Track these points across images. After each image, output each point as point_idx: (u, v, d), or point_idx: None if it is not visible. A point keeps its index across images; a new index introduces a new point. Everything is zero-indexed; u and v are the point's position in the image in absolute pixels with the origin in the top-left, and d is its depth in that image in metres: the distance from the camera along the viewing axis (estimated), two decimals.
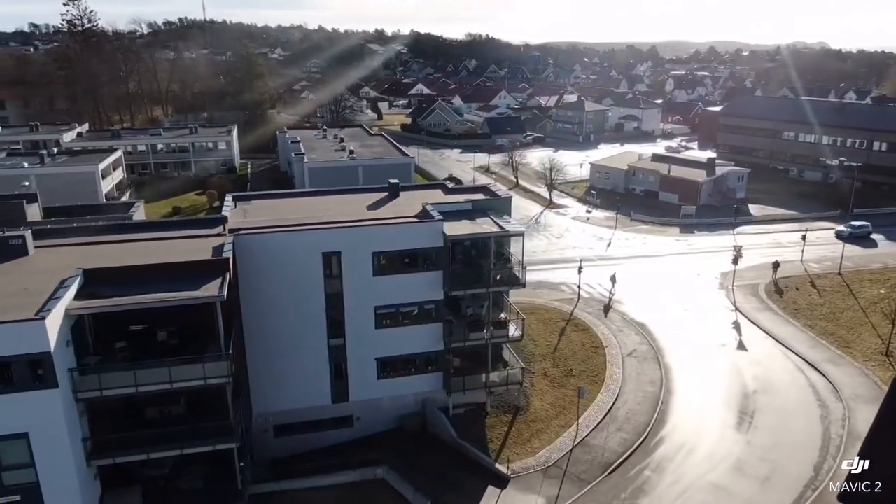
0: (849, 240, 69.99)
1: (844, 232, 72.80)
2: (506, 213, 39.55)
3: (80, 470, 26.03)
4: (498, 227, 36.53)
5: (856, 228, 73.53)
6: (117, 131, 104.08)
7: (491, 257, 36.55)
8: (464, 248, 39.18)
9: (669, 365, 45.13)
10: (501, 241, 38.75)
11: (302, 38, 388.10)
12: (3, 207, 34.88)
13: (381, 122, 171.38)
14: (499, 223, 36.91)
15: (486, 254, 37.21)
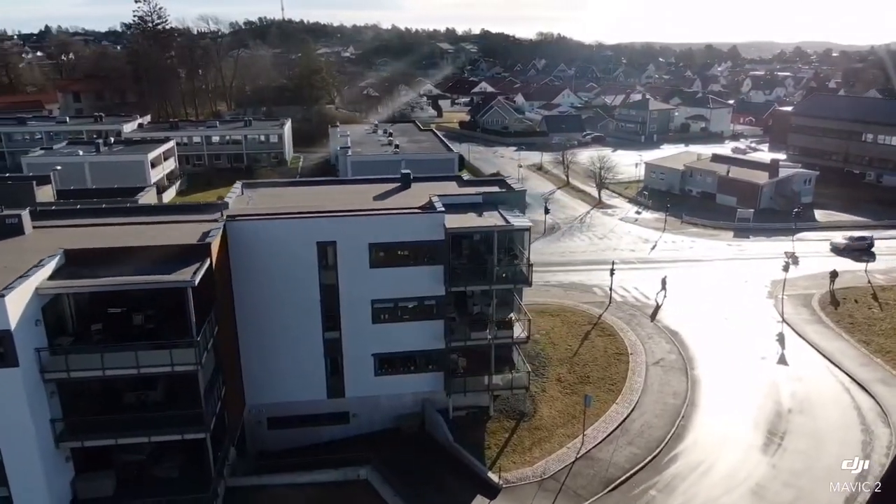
0: (844, 253, 64.73)
1: (840, 244, 66.92)
2: (518, 208, 37.40)
3: (46, 451, 25.69)
4: (504, 221, 34.40)
5: (854, 241, 66.74)
6: (176, 123, 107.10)
7: (495, 253, 34.49)
8: (472, 243, 37.40)
9: (698, 377, 41.78)
10: (512, 237, 36.70)
11: (373, 38, 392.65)
12: (13, 188, 35.46)
13: (441, 119, 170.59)
14: (506, 217, 34.79)
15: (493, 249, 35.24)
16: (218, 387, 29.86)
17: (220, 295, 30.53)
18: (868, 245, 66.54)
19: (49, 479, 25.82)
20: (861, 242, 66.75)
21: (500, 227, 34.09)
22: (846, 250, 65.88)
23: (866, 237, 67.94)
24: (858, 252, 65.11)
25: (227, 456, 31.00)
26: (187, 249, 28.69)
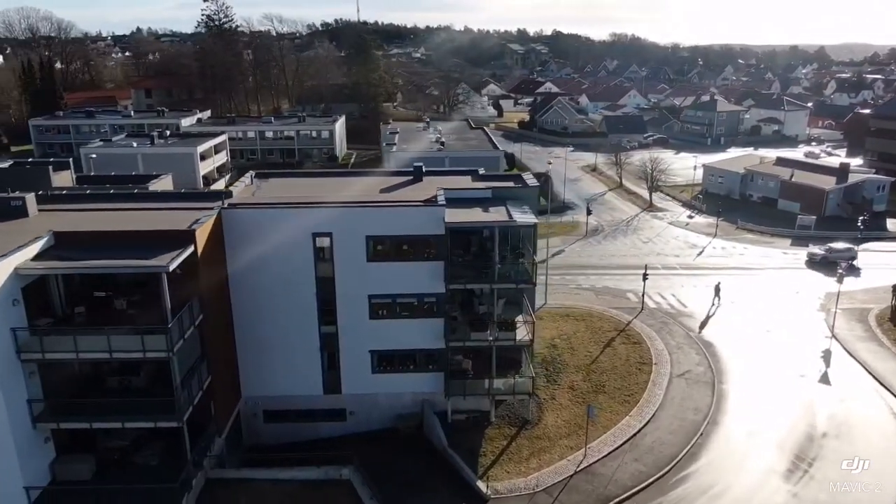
0: (821, 265, 58.39)
1: (817, 255, 60.24)
2: (529, 204, 35.43)
3: (21, 430, 25.62)
4: (507, 216, 32.60)
5: (833, 252, 60.13)
6: (233, 119, 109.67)
7: (496, 250, 32.74)
8: (480, 240, 35.76)
9: (726, 392, 38.66)
10: (520, 234, 34.81)
11: (444, 39, 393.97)
12: (30, 172, 36.31)
13: (501, 119, 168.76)
14: (511, 213, 32.95)
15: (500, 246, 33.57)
16: (200, 376, 29.37)
17: (209, 283, 29.99)
18: (851, 258, 60.12)
19: (22, 458, 25.80)
20: (841, 254, 60.15)
21: (501, 223, 32.31)
22: (822, 263, 59.51)
23: (849, 249, 61.55)
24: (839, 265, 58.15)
25: (210, 446, 30.47)
26: (172, 235, 28.28)
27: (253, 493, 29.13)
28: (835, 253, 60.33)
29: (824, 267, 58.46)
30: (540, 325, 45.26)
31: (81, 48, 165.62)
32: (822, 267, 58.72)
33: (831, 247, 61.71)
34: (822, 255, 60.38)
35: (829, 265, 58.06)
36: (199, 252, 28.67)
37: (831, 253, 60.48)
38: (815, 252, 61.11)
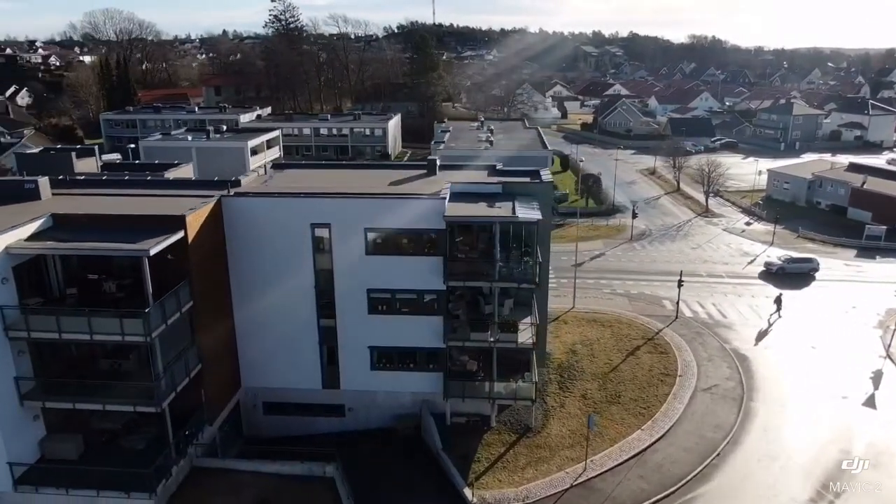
0: (777, 277, 53.55)
1: (773, 266, 55.70)
2: (542, 200, 33.68)
3: (7, 406, 26.02)
4: (509, 212, 31.01)
5: (791, 262, 55.68)
6: (290, 115, 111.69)
7: (497, 247, 31.22)
8: (489, 237, 34.21)
9: (755, 410, 35.70)
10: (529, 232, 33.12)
11: (516, 41, 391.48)
12: (55, 158, 37.36)
13: (565, 120, 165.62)
14: (516, 209, 31.33)
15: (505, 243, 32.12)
16: (188, 363, 29.18)
17: (202, 270, 29.79)
18: (811, 269, 55.52)
19: (7, 434, 26.23)
20: (800, 266, 55.64)
21: (502, 218, 30.77)
22: (778, 274, 54.86)
23: (809, 259, 56.69)
24: (797, 277, 54.46)
25: (198, 435, 30.27)
26: (164, 220, 28.26)
27: (233, 484, 28.71)
28: (794, 263, 56.04)
29: (781, 278, 54.14)
30: (562, 330, 43.48)
31: (160, 48, 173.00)
32: (779, 278, 54.38)
33: (791, 256, 57.39)
34: (780, 265, 55.96)
35: (786, 277, 54.25)
36: (189, 238, 28.52)
37: (790, 263, 56.06)
38: (773, 262, 56.65)
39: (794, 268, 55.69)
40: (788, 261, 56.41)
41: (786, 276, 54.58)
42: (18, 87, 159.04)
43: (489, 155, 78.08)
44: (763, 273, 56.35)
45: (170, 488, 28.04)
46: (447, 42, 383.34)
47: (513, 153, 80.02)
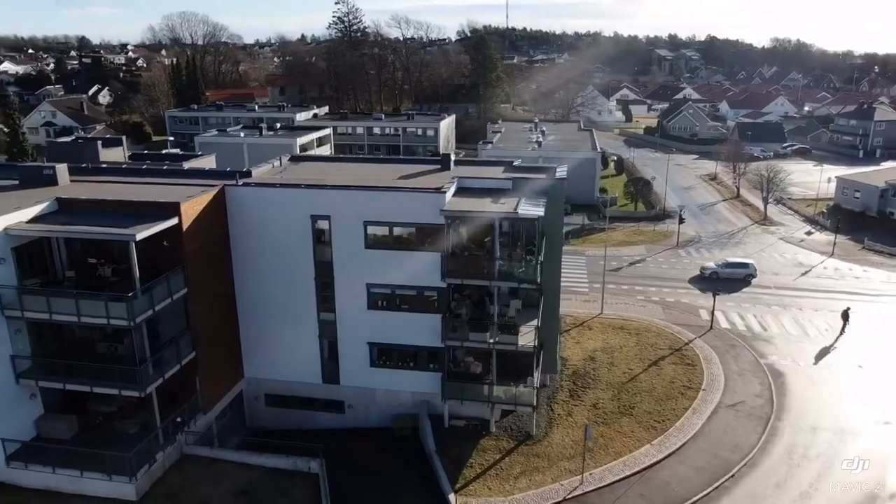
0: (710, 283, 50.79)
1: (707, 270, 53.60)
2: (551, 197, 32.18)
3: (2, 383, 26.70)
4: (513, 208, 29.63)
5: (726, 267, 53.34)
6: (346, 115, 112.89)
7: (496, 243, 29.92)
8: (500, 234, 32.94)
9: (781, 431, 32.91)
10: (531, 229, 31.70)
11: (589, 44, 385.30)
12: (83, 147, 38.51)
13: (629, 124, 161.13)
14: (519, 205, 29.94)
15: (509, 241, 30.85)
16: (179, 350, 29.21)
17: (198, 257, 29.78)
18: (746, 275, 52.90)
19: (1, 410, 26.88)
20: (735, 271, 53.00)
21: (501, 214, 29.44)
22: (711, 279, 52.07)
23: (745, 265, 53.79)
24: (731, 283, 51.62)
25: (190, 422, 30.26)
26: (159, 207, 28.47)
27: (217, 474, 28.52)
28: (728, 269, 53.44)
29: (713, 283, 50.47)
30: (584, 336, 41.67)
31: (232, 50, 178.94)
32: (711, 283, 50.92)
33: (727, 261, 54.67)
34: (714, 269, 53.44)
35: (719, 282, 51.30)
36: (184, 225, 28.57)
37: (724, 268, 53.49)
38: (707, 266, 54.39)
39: (728, 273, 53.34)
40: (723, 265, 54.06)
41: (720, 281, 51.84)
42: (100, 87, 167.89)
43: (535, 155, 76.95)
44: (696, 277, 53.82)
45: (155, 473, 28.09)
46: (520, 46, 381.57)
47: (560, 154, 78.43)
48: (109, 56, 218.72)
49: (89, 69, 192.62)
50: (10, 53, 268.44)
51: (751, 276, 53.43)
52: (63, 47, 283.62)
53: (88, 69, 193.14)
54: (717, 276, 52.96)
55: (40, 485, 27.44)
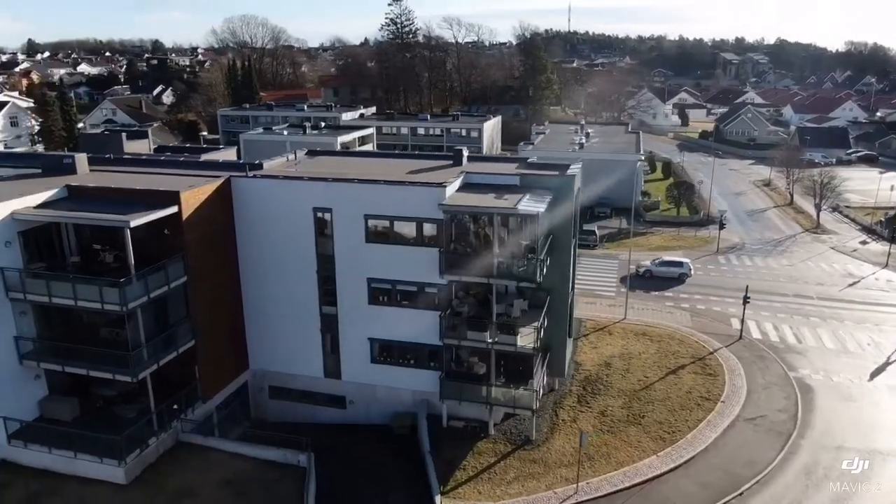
0: (642, 280, 50.71)
1: (642, 268, 53.05)
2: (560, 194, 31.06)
3: (6, 364, 27.38)
4: (512, 203, 28.68)
5: (661, 265, 53.02)
6: (392, 115, 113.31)
7: (495, 239, 29.04)
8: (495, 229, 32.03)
9: (801, 448, 30.78)
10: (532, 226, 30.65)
11: (651, 48, 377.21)
12: (109, 139, 39.65)
13: (685, 128, 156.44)
14: (521, 201, 28.97)
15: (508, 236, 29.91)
16: (177, 338, 29.47)
17: (200, 247, 29.92)
18: (681, 274, 52.38)
19: (4, 390, 27.60)
20: (669, 269, 52.73)
21: (500, 209, 28.55)
22: (645, 276, 52.17)
23: (679, 263, 53.22)
24: (665, 282, 51.08)
25: (187, 410, 30.46)
26: (161, 195, 28.82)
27: (208, 463, 28.62)
28: (662, 267, 53.08)
29: (647, 281, 50.94)
30: (603, 341, 40.28)
31: (291, 53, 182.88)
32: (644, 281, 51.12)
33: (663, 259, 54.27)
34: (647, 267, 53.10)
35: (652, 280, 51.60)
36: (184, 214, 28.82)
37: (658, 266, 53.10)
38: (643, 264, 53.77)
39: (662, 271, 52.93)
40: (658, 263, 53.57)
41: (652, 279, 51.68)
42: (164, 87, 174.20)
43: (574, 157, 75.15)
44: (632, 276, 51.35)
45: (147, 458, 28.37)
46: (581, 50, 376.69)
47: (599, 155, 76.73)
48: (176, 58, 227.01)
49: (156, 70, 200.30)
50: (88, 56, 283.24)
51: (685, 275, 52.59)
52: (137, 50, 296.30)
53: (155, 70, 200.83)
54: (650, 274, 52.73)
55: (39, 464, 28.09)
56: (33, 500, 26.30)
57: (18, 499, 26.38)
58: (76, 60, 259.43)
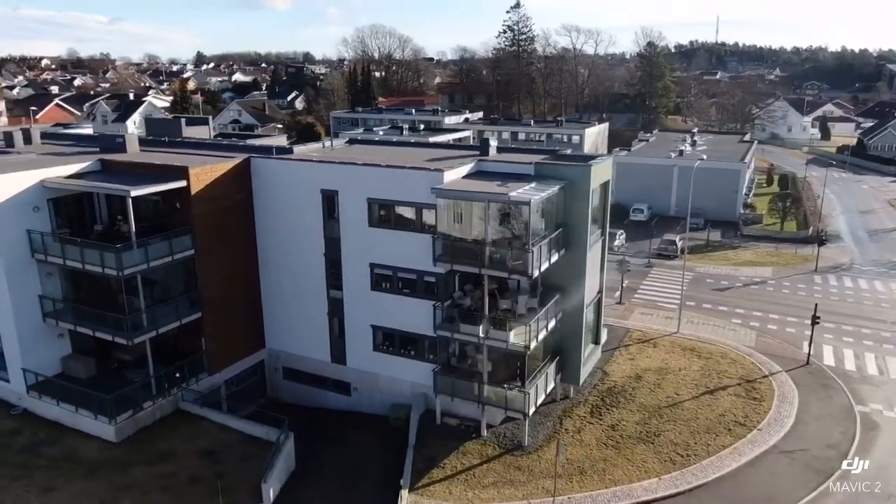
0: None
1: None
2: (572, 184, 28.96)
3: (28, 320, 29.59)
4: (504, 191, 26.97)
5: None
6: (496, 119, 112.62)
7: (487, 228, 27.42)
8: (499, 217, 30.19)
9: (839, 492, 26.32)
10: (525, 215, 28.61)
11: (804, 59, 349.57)
12: (170, 125, 42.20)
13: (825, 142, 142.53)
14: (518, 189, 27.23)
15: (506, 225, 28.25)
16: (180, 309, 30.46)
17: (210, 222, 30.71)
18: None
19: (25, 344, 29.87)
20: None
21: (491, 196, 26.93)
22: None
23: None
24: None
25: (190, 381, 31.30)
26: (171, 170, 30.05)
27: (196, 431, 29.34)
28: None
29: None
30: (644, 353, 37.47)
31: (415, 61, 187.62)
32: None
33: None
34: None
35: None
36: (192, 189, 29.78)
37: None
38: None
39: None
40: None
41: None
42: (298, 93, 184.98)
43: (670, 165, 71.25)
44: None
45: (142, 421, 29.54)
46: (727, 61, 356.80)
47: (698, 164, 71.60)
48: (311, 67, 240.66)
49: (293, 78, 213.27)
50: (246, 66, 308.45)
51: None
52: (290, 62, 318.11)
53: (292, 78, 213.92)
54: None
55: (50, 416, 30.15)
56: (32, 447, 28.14)
57: (22, 444, 28.35)
58: (232, 70, 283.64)
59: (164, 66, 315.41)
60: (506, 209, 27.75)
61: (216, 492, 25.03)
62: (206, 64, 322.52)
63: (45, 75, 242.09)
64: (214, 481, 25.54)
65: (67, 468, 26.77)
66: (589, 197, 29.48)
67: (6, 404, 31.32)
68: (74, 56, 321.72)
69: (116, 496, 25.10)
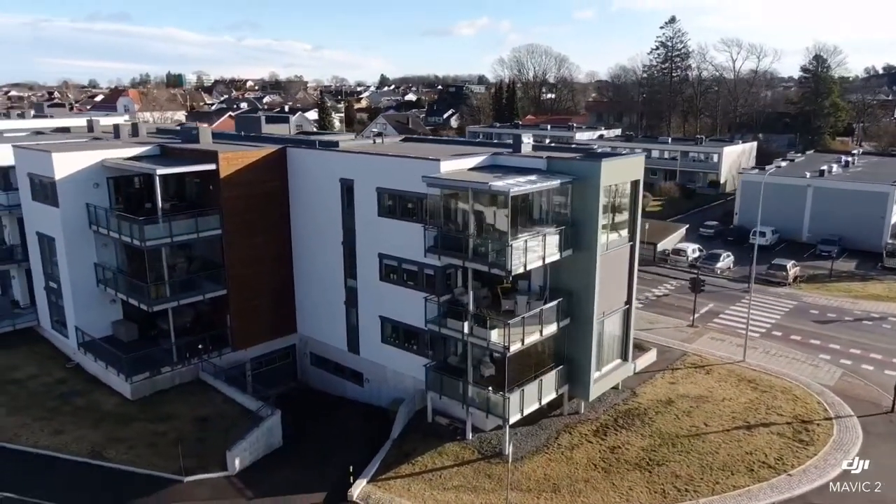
0: None
1: None
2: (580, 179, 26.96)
3: (83, 284, 33.27)
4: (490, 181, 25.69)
5: None
6: (630, 137, 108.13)
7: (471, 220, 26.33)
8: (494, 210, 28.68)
9: None
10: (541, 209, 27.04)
11: None
12: (251, 121, 45.27)
13: None
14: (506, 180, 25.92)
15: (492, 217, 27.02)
16: (203, 285, 32.50)
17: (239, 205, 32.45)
18: None
19: (79, 305, 33.53)
20: None
21: (474, 185, 25.76)
22: None
23: None
24: None
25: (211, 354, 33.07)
26: (205, 154, 32.38)
27: (203, 400, 30.94)
28: None
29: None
30: (690, 379, 34.44)
31: (568, 81, 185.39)
32: None
33: None
34: None
35: None
36: (222, 173, 31.78)
37: None
38: None
39: None
40: None
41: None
42: (454, 111, 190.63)
43: (802, 184, 64.83)
44: None
45: (160, 384, 31.81)
46: None
47: (835, 184, 64.15)
48: (471, 86, 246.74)
49: (452, 96, 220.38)
50: (425, 88, 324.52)
51: None
52: (461, 83, 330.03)
53: (451, 96, 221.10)
54: None
55: (93, 371, 33.43)
56: (67, 396, 31.39)
57: (60, 392, 31.74)
58: (406, 91, 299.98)
59: (349, 87, 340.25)
60: (500, 201, 26.44)
61: (194, 454, 26.33)
62: (388, 86, 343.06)
63: (246, 94, 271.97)
64: (195, 444, 26.84)
65: (83, 416, 29.52)
66: (598, 194, 27.16)
67: (66, 358, 35.22)
68: (274, 79, 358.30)
69: (106, 445, 27.18)
